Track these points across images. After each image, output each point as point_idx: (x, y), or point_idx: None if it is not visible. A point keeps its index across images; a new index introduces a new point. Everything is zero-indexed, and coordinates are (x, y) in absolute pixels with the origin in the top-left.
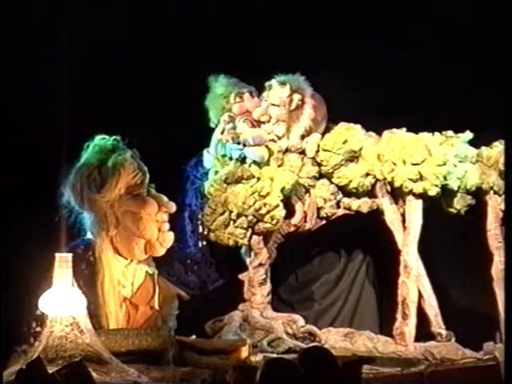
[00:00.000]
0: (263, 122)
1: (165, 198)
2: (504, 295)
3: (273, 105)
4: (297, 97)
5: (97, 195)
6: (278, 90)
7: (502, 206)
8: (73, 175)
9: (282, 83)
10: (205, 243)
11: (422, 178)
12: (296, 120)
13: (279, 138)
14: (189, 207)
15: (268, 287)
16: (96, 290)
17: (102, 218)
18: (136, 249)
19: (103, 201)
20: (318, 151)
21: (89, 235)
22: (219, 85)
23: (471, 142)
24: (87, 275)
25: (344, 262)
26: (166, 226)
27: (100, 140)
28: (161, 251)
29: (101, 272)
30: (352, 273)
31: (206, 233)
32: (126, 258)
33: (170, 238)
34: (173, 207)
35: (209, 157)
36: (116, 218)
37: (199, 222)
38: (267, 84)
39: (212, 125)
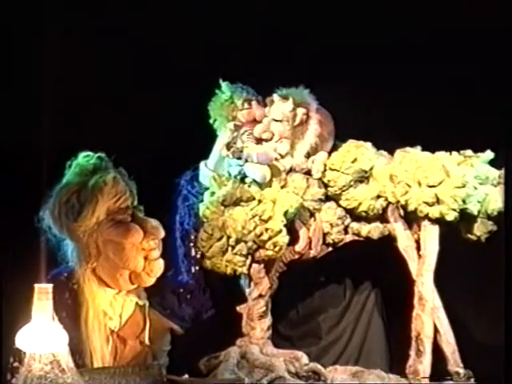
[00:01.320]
0: (265, 140)
1: (152, 223)
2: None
3: (275, 120)
4: (301, 111)
5: (74, 224)
6: (280, 105)
7: None
8: (52, 199)
9: (285, 97)
10: (198, 268)
11: (438, 201)
12: (300, 136)
13: (282, 157)
14: (181, 226)
15: (269, 321)
16: (80, 323)
17: (83, 248)
18: (121, 280)
19: (80, 230)
20: (324, 171)
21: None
22: (225, 91)
23: (492, 163)
24: (71, 306)
25: (350, 294)
26: (155, 253)
27: (82, 158)
28: (149, 281)
29: (84, 304)
30: (359, 305)
31: (199, 256)
32: (114, 288)
33: (158, 266)
34: (161, 233)
35: (205, 170)
36: (97, 247)
37: (192, 244)
38: (269, 99)
39: (218, 133)
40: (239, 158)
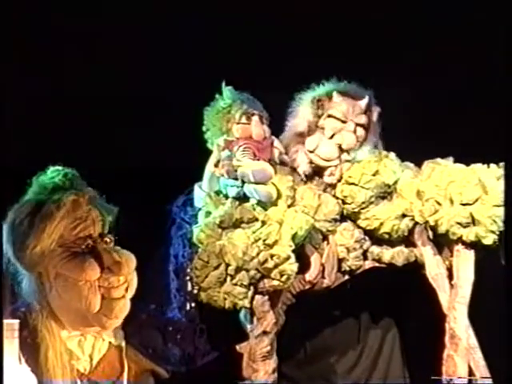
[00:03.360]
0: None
1: (116, 257)
2: None
3: (359, 125)
4: (377, 109)
5: (19, 252)
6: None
7: None
8: (8, 218)
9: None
10: (193, 305)
11: (474, 222)
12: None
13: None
14: (174, 259)
15: (274, 362)
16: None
17: (36, 279)
18: (76, 322)
19: (26, 259)
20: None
21: None
22: (225, 97)
23: None
24: (31, 345)
25: (368, 330)
26: (116, 292)
27: (46, 174)
28: (109, 324)
29: (44, 343)
30: (377, 343)
31: (195, 291)
32: (70, 330)
33: (120, 307)
34: (124, 268)
35: (200, 193)
36: (49, 281)
37: (187, 278)
38: (320, 95)
39: (209, 146)
40: (235, 179)
